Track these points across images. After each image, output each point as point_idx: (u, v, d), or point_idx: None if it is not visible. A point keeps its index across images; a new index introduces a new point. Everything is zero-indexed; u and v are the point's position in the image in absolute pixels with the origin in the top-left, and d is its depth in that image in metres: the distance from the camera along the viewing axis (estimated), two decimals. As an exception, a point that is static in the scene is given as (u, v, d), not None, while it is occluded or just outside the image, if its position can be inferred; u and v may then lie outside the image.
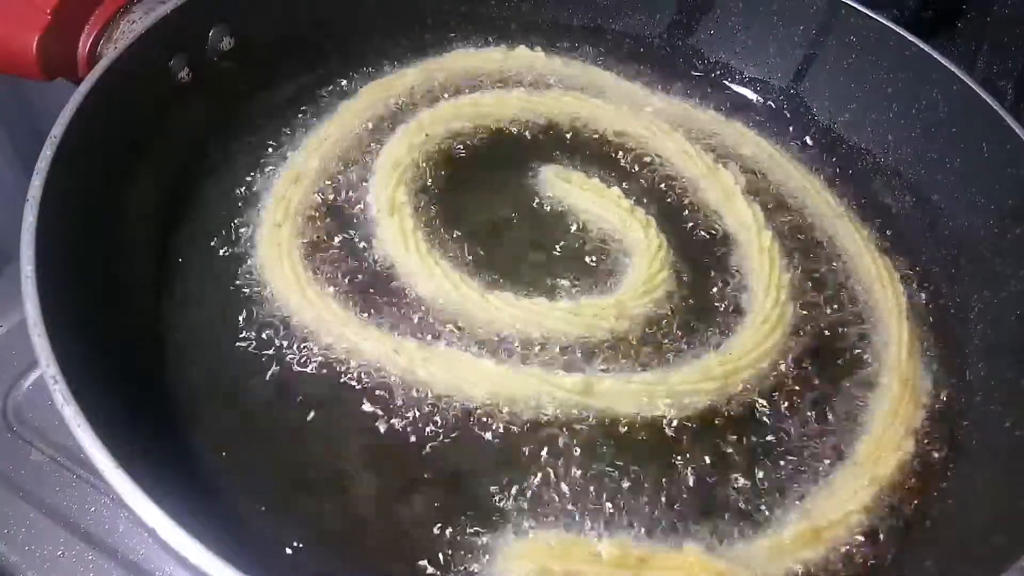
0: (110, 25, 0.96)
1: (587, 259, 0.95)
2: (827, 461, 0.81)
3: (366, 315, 0.86)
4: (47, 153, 0.75)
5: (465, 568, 0.71)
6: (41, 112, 1.30)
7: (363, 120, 1.04)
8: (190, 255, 0.89)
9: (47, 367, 0.63)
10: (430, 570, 0.71)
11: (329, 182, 0.97)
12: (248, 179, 0.96)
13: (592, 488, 0.77)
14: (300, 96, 1.06)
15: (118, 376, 0.74)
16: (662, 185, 1.04)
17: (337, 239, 0.92)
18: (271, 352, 0.82)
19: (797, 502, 0.78)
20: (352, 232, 0.93)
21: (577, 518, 0.75)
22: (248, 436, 0.78)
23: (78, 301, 0.74)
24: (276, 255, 0.88)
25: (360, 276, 0.89)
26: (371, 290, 0.88)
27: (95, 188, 0.82)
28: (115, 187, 0.86)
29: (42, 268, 0.69)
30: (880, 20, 1.07)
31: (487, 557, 0.72)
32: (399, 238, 0.91)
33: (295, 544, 0.71)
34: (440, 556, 0.72)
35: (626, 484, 0.77)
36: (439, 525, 0.73)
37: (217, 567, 0.55)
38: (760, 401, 0.85)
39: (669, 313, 0.90)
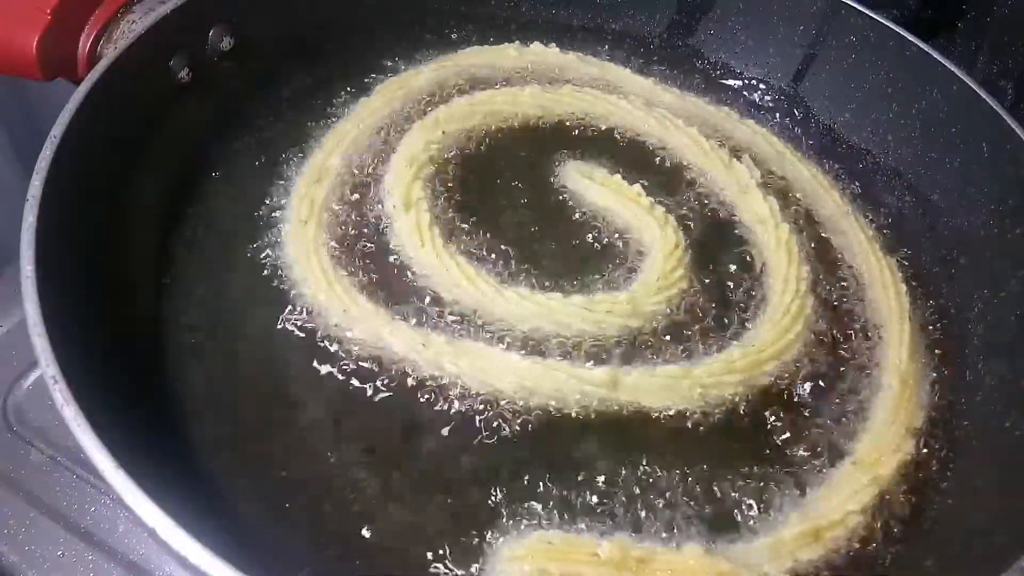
0: (110, 25, 0.96)
1: (604, 255, 0.95)
2: (827, 461, 0.81)
3: (387, 310, 0.86)
4: (47, 153, 0.75)
5: (465, 567, 0.71)
6: (41, 112, 1.30)
7: (380, 117, 1.04)
8: (191, 255, 0.89)
9: (47, 367, 0.63)
10: (430, 569, 0.71)
11: (347, 179, 0.97)
12: (249, 179, 0.96)
13: (592, 487, 0.77)
14: (300, 96, 1.06)
15: (118, 376, 0.74)
16: (678, 181, 1.04)
17: (356, 235, 0.93)
18: (276, 349, 0.82)
19: (797, 502, 0.78)
20: (370, 228, 0.93)
21: (577, 518, 0.75)
22: (249, 435, 0.78)
23: (78, 301, 0.74)
24: (304, 252, 0.89)
25: (378, 271, 0.90)
26: (389, 285, 0.88)
27: (95, 188, 0.82)
28: (115, 187, 0.86)
29: (42, 268, 0.69)
30: (880, 20, 1.07)
31: (487, 557, 0.72)
32: (415, 233, 0.92)
33: (295, 544, 0.72)
34: (440, 555, 0.72)
35: (627, 483, 0.77)
36: (440, 524, 0.73)
37: (217, 567, 0.55)
38: (759, 401, 0.85)
39: (686, 308, 0.91)
